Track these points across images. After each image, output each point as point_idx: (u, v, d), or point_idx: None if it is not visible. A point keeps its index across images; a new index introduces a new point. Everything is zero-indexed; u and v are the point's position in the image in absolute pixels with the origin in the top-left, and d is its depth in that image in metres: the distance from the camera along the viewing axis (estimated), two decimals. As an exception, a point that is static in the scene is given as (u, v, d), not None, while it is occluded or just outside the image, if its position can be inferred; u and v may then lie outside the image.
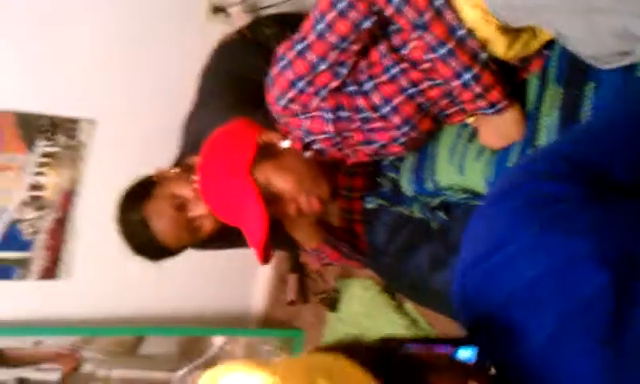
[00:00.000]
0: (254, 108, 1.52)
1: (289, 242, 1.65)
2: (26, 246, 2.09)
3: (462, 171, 1.35)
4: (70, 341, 2.15)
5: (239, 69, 1.80)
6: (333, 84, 1.30)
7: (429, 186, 1.42)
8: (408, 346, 0.75)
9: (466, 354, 0.78)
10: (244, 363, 0.55)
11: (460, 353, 0.78)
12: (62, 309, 2.18)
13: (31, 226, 2.08)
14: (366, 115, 1.32)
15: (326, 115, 1.34)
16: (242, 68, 1.79)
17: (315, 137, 1.40)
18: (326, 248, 1.59)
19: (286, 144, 1.42)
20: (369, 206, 1.52)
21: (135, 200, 1.53)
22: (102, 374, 2.22)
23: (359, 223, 1.62)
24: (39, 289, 2.15)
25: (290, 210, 1.40)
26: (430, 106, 1.33)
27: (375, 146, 1.40)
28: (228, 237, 1.49)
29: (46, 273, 2.13)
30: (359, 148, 1.42)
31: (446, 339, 0.80)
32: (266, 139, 1.42)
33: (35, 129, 2.02)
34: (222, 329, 2.47)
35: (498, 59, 1.27)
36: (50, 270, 2.14)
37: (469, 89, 1.23)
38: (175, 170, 1.61)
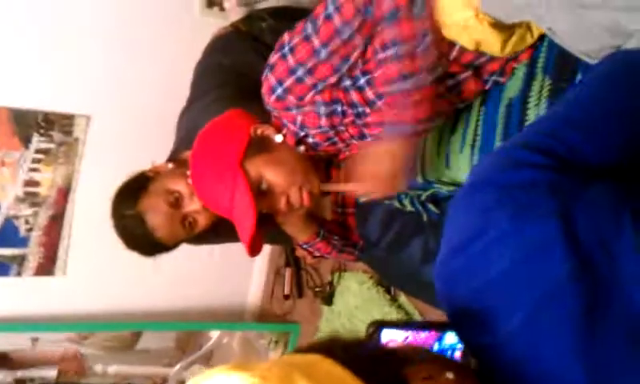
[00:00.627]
0: (248, 102, 1.52)
1: (283, 236, 1.66)
2: (22, 242, 2.09)
3: (447, 163, 1.35)
4: (67, 337, 2.15)
5: (234, 63, 1.79)
6: (331, 79, 1.29)
7: (419, 179, 1.42)
8: (386, 342, 0.76)
9: (451, 339, 0.79)
10: (224, 366, 0.55)
11: (446, 337, 0.79)
12: (57, 305, 2.19)
13: (26, 222, 2.08)
14: (360, 110, 1.32)
15: (320, 109, 1.34)
16: (236, 62, 1.79)
17: (309, 131, 1.40)
18: (318, 242, 1.60)
19: (278, 138, 1.42)
20: (361, 199, 1.53)
21: (130, 196, 1.54)
22: (99, 370, 2.23)
23: (352, 216, 1.63)
24: (35, 285, 2.15)
25: (281, 204, 1.40)
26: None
27: (369, 140, 1.40)
28: (223, 231, 1.49)
29: (42, 269, 2.14)
30: (353, 142, 1.43)
31: (431, 323, 0.82)
32: (258, 132, 1.42)
33: (30, 125, 2.02)
34: (218, 323, 2.48)
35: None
36: (46, 267, 2.15)
37: (397, 96, 1.21)
38: (170, 166, 1.62)
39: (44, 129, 2.06)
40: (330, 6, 1.21)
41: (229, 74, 1.77)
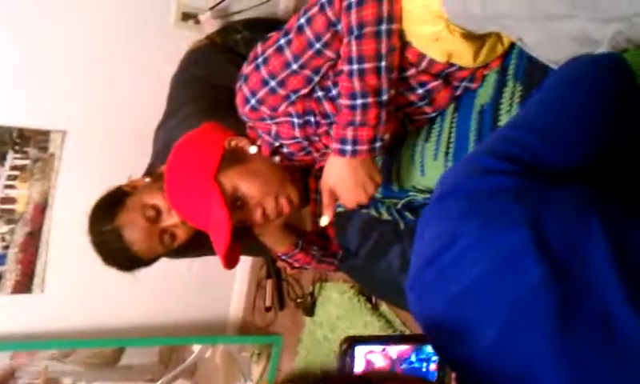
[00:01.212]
0: (225, 114, 1.52)
1: (263, 247, 1.65)
2: (-2, 260, 2.07)
3: (423, 171, 1.36)
4: (49, 354, 2.12)
5: (209, 75, 1.79)
6: (303, 90, 1.29)
7: (395, 187, 1.43)
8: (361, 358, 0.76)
9: (429, 350, 0.80)
10: None
11: (425, 349, 0.80)
12: (36, 323, 2.16)
13: (2, 239, 2.06)
14: (333, 120, 1.32)
15: (294, 120, 1.34)
16: (212, 74, 1.79)
17: (283, 141, 1.40)
18: (297, 252, 1.60)
19: (252, 149, 1.42)
20: (339, 209, 1.53)
21: (107, 211, 1.52)
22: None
23: (331, 226, 1.63)
24: (12, 303, 2.12)
25: (257, 216, 1.40)
26: (397, 111, 1.33)
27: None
28: (201, 244, 1.48)
29: (19, 287, 2.11)
30: (327, 152, 1.43)
31: (405, 337, 0.82)
32: (232, 144, 1.42)
33: (5, 141, 2.00)
34: (200, 337, 2.46)
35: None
36: (23, 284, 2.12)
37: (353, 112, 1.20)
38: (147, 180, 1.61)
39: (19, 145, 2.03)
40: (302, 19, 1.21)
41: (205, 87, 1.77)
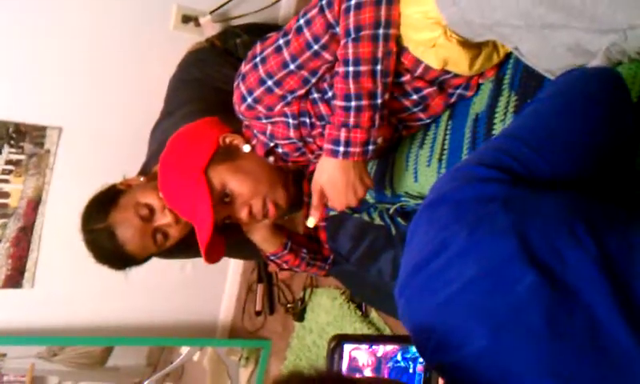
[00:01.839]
0: (222, 116, 1.52)
1: (254, 251, 1.66)
2: (-11, 254, 2.06)
3: (416, 177, 1.36)
4: (36, 352, 2.12)
5: (208, 77, 1.80)
6: (300, 91, 1.30)
7: (387, 192, 1.43)
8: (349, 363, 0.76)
9: (415, 350, 0.80)
10: None
11: (411, 349, 0.80)
12: (25, 318, 2.16)
13: (-6, 233, 2.06)
14: (328, 122, 1.32)
15: (289, 121, 1.35)
16: (210, 76, 1.80)
17: (278, 141, 1.41)
18: (286, 253, 1.60)
19: (246, 148, 1.43)
20: (331, 213, 1.54)
21: (100, 209, 1.52)
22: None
23: (323, 230, 1.64)
24: (1, 298, 2.12)
25: (242, 214, 1.41)
26: (390, 117, 1.34)
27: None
28: (194, 245, 1.49)
29: (9, 281, 2.10)
30: (321, 154, 1.44)
31: (392, 337, 0.82)
32: (227, 141, 1.43)
33: (1, 135, 2.00)
34: (189, 339, 2.46)
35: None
36: (14, 279, 2.11)
37: (347, 113, 1.21)
38: (141, 179, 1.61)
39: (15, 140, 2.03)
40: (302, 20, 1.22)
41: (203, 88, 1.77)
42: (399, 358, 0.85)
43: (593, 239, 0.65)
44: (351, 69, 1.18)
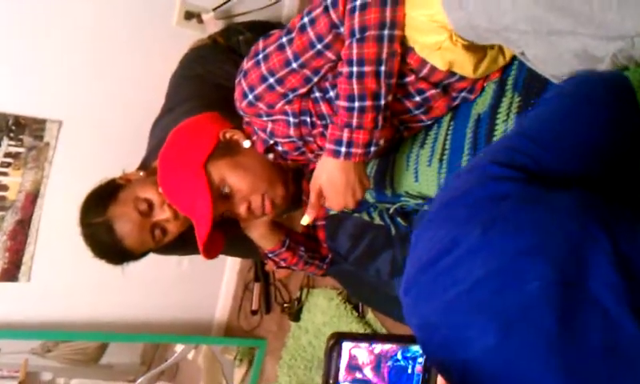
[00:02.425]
0: (223, 113, 1.52)
1: (251, 249, 1.65)
2: (-15, 246, 2.05)
3: (416, 177, 1.36)
4: (30, 348, 2.11)
5: (210, 74, 1.80)
6: (301, 90, 1.29)
7: (388, 192, 1.43)
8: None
9: (415, 349, 0.80)
10: None
11: (411, 348, 0.80)
12: (20, 312, 2.15)
13: (-9, 226, 2.05)
14: (329, 122, 1.32)
15: (290, 119, 1.35)
16: (212, 73, 1.79)
17: (278, 139, 1.40)
18: (284, 251, 1.60)
19: (246, 143, 1.43)
20: (331, 212, 1.53)
21: (99, 203, 1.52)
22: (61, 383, 2.18)
23: (321, 229, 1.63)
24: (-2, 291, 2.11)
25: (241, 210, 1.41)
26: (392, 118, 1.33)
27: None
28: (191, 241, 1.49)
29: (5, 274, 2.09)
30: (321, 154, 1.44)
31: (392, 336, 0.81)
32: (227, 136, 1.43)
33: (0, 128, 1.99)
34: (184, 336, 2.45)
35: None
36: (10, 272, 2.10)
37: (350, 114, 1.20)
38: (141, 174, 1.61)
39: (14, 132, 2.03)
40: (306, 18, 1.21)
41: (204, 85, 1.77)
42: (399, 356, 0.85)
43: (608, 237, 0.65)
44: (355, 69, 1.17)
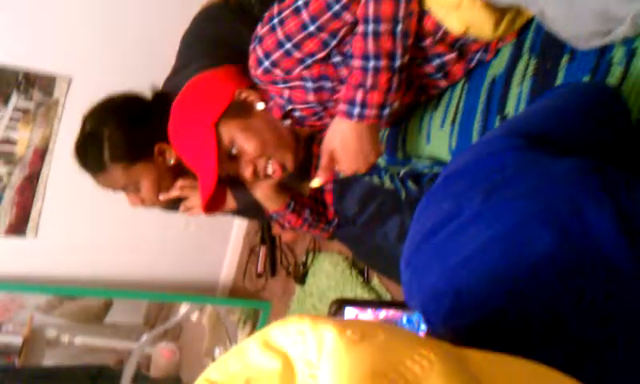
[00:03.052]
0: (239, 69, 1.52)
1: (259, 212, 1.66)
2: (-7, 199, 2.07)
3: (428, 139, 1.34)
4: (36, 306, 2.13)
5: (221, 34, 1.78)
6: (319, 54, 1.26)
7: (399, 155, 1.42)
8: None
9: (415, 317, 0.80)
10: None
11: (415, 314, 0.80)
12: (26, 267, 2.17)
13: (0, 180, 2.06)
14: None
15: (308, 85, 1.32)
16: (224, 33, 1.78)
17: (296, 106, 1.39)
18: (288, 213, 1.60)
19: (260, 106, 1.41)
20: (340, 175, 1.53)
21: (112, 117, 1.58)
22: (65, 340, 2.21)
23: (329, 193, 1.63)
24: (4, 245, 2.13)
25: (247, 173, 1.40)
26: (413, 80, 1.32)
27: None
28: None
29: (13, 229, 2.11)
30: None
31: (395, 302, 0.81)
32: (242, 96, 1.42)
33: (10, 82, 1.99)
34: (189, 295, 2.48)
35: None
36: (17, 227, 2.12)
37: (364, 73, 1.18)
38: None
39: (24, 88, 2.02)
40: None
41: (216, 45, 1.75)
42: (404, 321, 0.84)
43: (609, 197, 0.65)
44: (371, 27, 1.15)
